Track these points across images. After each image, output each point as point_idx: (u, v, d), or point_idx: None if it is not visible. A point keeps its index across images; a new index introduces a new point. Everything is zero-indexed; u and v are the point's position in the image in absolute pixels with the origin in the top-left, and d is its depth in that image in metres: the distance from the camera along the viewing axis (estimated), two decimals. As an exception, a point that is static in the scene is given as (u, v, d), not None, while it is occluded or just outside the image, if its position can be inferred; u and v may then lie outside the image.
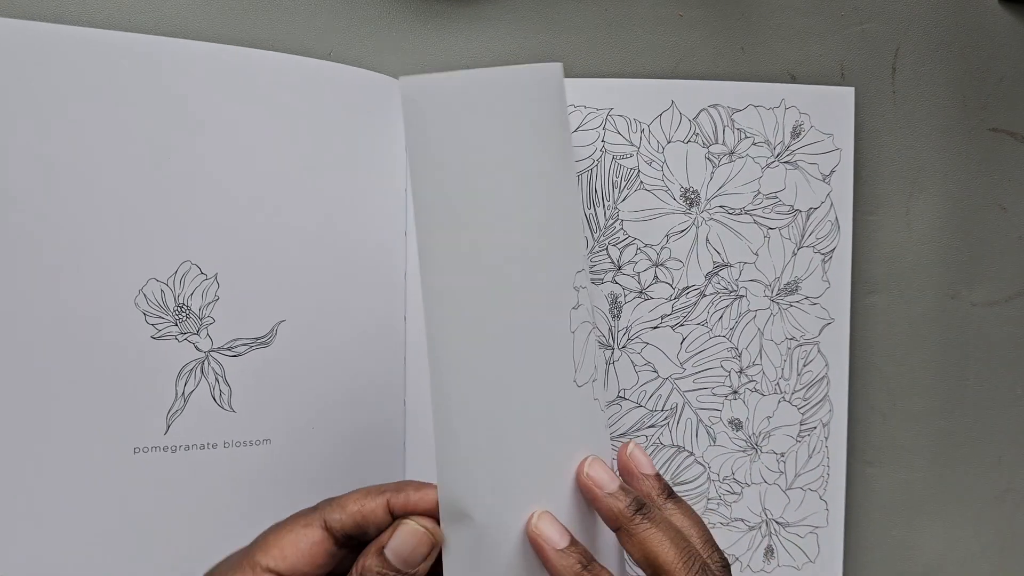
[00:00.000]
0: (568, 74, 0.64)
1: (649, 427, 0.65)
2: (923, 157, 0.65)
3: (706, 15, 0.64)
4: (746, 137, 0.64)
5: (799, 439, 0.66)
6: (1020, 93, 0.65)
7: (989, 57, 0.64)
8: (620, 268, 0.64)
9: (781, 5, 0.64)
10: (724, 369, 0.65)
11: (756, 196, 0.64)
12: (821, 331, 0.65)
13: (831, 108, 0.65)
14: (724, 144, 0.64)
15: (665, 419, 0.65)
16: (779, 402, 0.66)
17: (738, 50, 0.64)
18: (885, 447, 0.65)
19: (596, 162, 0.63)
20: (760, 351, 0.65)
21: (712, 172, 0.64)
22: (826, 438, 0.66)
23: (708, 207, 0.64)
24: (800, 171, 0.64)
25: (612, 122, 0.63)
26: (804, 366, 0.65)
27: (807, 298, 0.65)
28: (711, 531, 0.60)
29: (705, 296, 0.64)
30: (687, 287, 0.64)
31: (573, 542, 0.50)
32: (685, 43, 0.64)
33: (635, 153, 0.63)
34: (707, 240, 0.64)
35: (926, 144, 0.65)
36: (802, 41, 0.64)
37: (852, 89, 0.65)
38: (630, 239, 0.64)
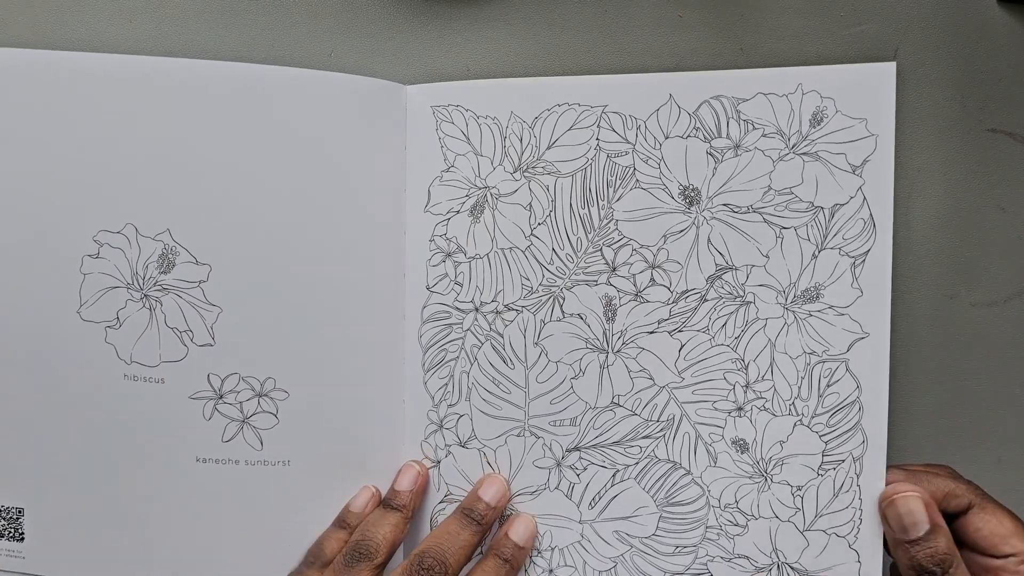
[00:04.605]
0: (567, 75, 0.60)
1: (643, 437, 0.58)
2: (922, 158, 0.60)
3: (705, 16, 0.59)
4: (754, 128, 0.55)
5: (821, 472, 0.56)
6: (1019, 94, 0.60)
7: (988, 58, 0.60)
8: (615, 270, 0.57)
9: (780, 6, 0.59)
10: (727, 382, 0.57)
11: (767, 192, 0.55)
12: (851, 347, 0.55)
13: (864, 89, 0.55)
14: (728, 137, 0.56)
15: (661, 430, 0.58)
16: (795, 425, 0.57)
17: (737, 51, 0.60)
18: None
19: (590, 161, 0.57)
20: (771, 365, 0.56)
21: (715, 168, 0.56)
22: (858, 475, 0.56)
23: (710, 205, 0.57)
24: (822, 163, 0.55)
25: (607, 119, 0.57)
26: (828, 386, 0.56)
27: (831, 307, 0.55)
28: (708, 564, 0.57)
29: (706, 301, 0.57)
30: (686, 291, 0.57)
31: None
32: (684, 44, 0.60)
33: (630, 151, 0.57)
34: (709, 241, 0.56)
35: (925, 144, 0.60)
36: (801, 42, 0.60)
37: (893, 64, 0.56)
38: (625, 240, 0.57)
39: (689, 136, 0.56)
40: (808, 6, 0.61)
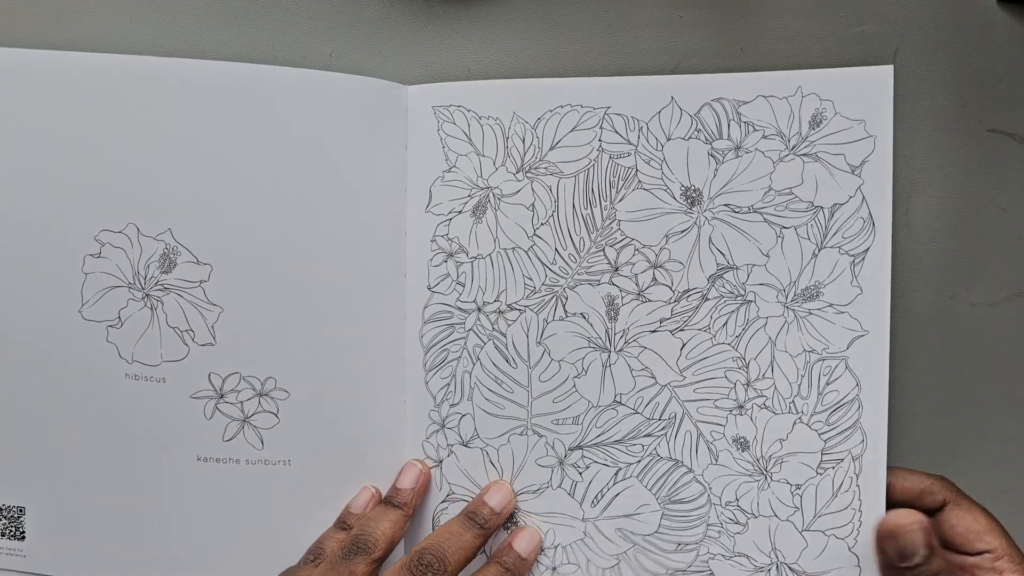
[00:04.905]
0: (567, 75, 0.59)
1: (645, 436, 0.57)
2: (922, 158, 0.59)
3: (706, 16, 0.59)
4: (755, 130, 0.55)
5: (820, 471, 0.56)
6: (1019, 94, 0.59)
7: (988, 58, 0.59)
8: (617, 269, 0.57)
9: (780, 7, 0.59)
10: (728, 380, 0.56)
11: (767, 193, 0.55)
12: (850, 344, 0.55)
13: (862, 91, 0.55)
14: (729, 139, 0.56)
15: (663, 428, 0.57)
16: (794, 423, 0.56)
17: (737, 51, 0.60)
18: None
19: (593, 162, 0.57)
20: (771, 363, 0.56)
21: (716, 169, 0.56)
22: (857, 474, 0.55)
23: (711, 206, 0.56)
24: (821, 163, 0.55)
25: (609, 121, 0.57)
26: (827, 384, 0.55)
27: (831, 305, 0.55)
28: (709, 562, 0.56)
29: (708, 300, 0.56)
30: (688, 290, 0.56)
31: None
32: (685, 44, 0.59)
33: (633, 152, 0.57)
34: (710, 240, 0.56)
35: (925, 145, 0.59)
36: (801, 42, 0.59)
37: (891, 68, 0.55)
38: (627, 240, 0.57)
39: (690, 138, 0.56)
40: (808, 7, 0.60)
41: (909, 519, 0.51)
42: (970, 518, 0.52)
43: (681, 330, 0.57)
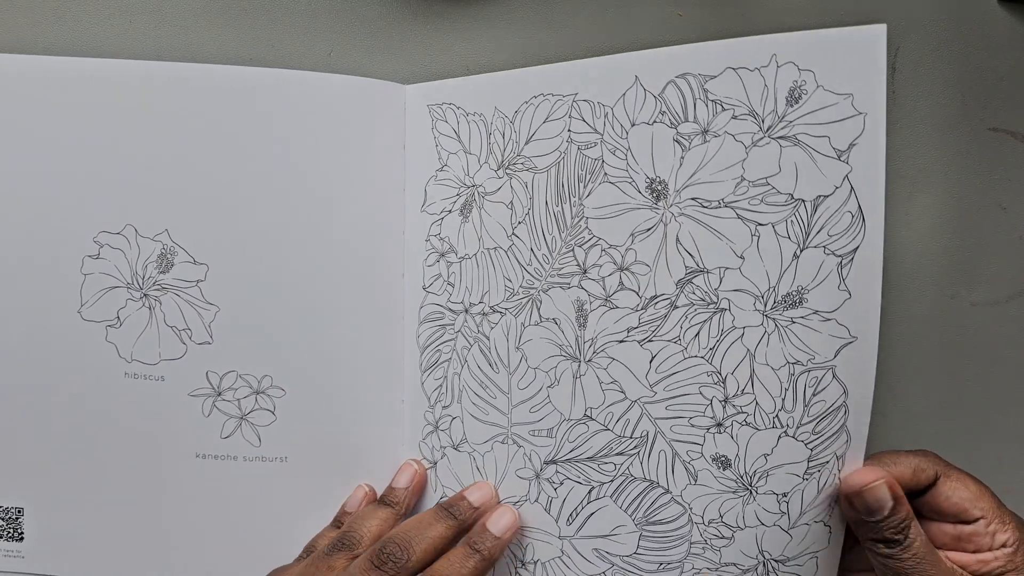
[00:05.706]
0: None
1: (617, 454, 0.51)
2: (923, 157, 0.57)
3: (705, 15, 0.55)
4: (723, 110, 0.47)
5: (806, 477, 0.49)
6: (1020, 93, 0.57)
7: (989, 57, 0.57)
8: (585, 272, 0.51)
9: (780, 6, 0.55)
10: (704, 397, 0.49)
11: (739, 184, 0.47)
12: (838, 353, 0.47)
13: (849, 58, 0.45)
14: (695, 121, 0.48)
15: (634, 447, 0.51)
16: (779, 438, 0.49)
17: None
18: (885, 447, 0.54)
19: (563, 155, 0.51)
20: (751, 378, 0.48)
21: (682, 157, 0.48)
22: (840, 470, 0.49)
23: (678, 200, 0.48)
24: (802, 148, 0.46)
25: (577, 109, 0.50)
26: (813, 395, 0.48)
27: (816, 312, 0.47)
28: None
29: (677, 308, 0.49)
30: (655, 296, 0.49)
31: None
32: (685, 43, 0.62)
33: (599, 141, 0.49)
34: (677, 240, 0.48)
35: (926, 144, 0.56)
36: None
37: (883, 27, 0.45)
38: (595, 239, 0.50)
39: (655, 122, 0.48)
40: (808, 6, 0.58)
41: (873, 475, 0.48)
42: (961, 487, 0.49)
43: (650, 341, 0.49)
